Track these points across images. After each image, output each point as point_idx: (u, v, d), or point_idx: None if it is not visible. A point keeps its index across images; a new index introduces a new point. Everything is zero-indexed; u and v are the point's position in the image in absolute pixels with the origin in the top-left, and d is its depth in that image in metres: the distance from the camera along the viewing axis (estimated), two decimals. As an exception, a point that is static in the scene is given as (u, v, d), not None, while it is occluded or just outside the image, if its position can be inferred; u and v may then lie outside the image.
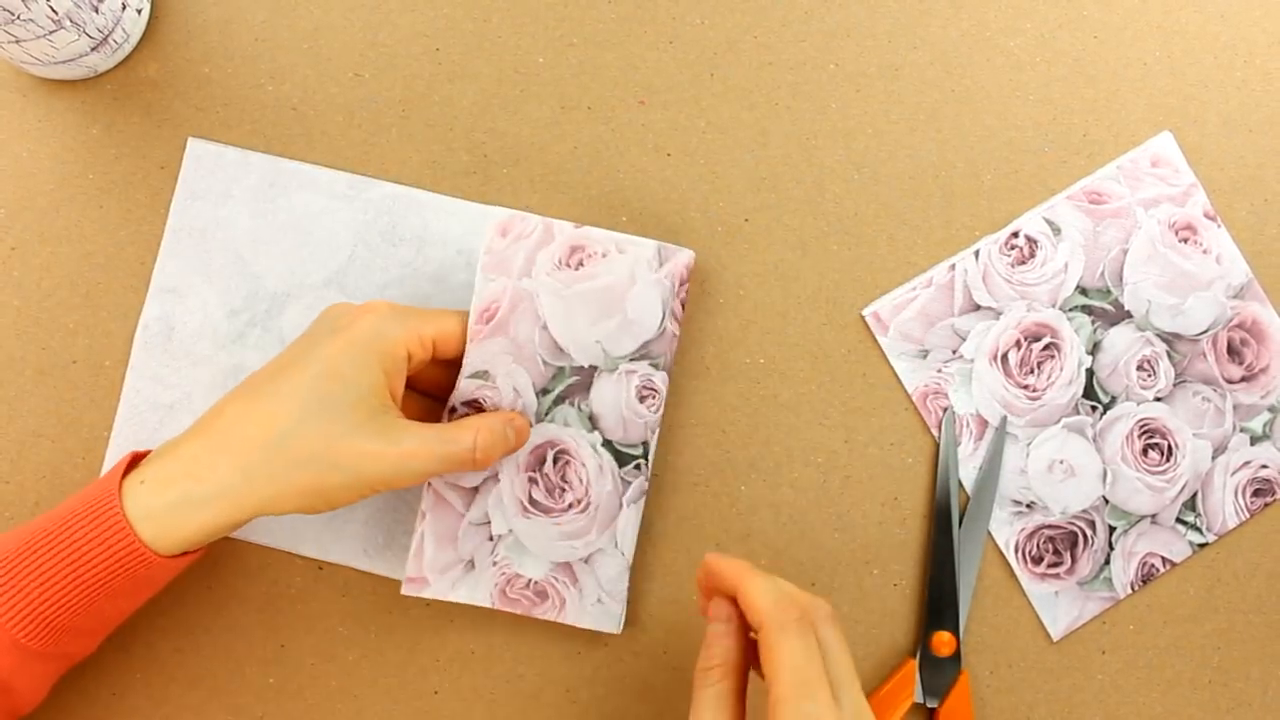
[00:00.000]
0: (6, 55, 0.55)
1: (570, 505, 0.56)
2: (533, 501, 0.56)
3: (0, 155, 0.58)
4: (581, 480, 0.56)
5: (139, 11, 0.58)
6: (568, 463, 0.56)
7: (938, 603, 0.56)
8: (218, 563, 0.57)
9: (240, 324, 0.58)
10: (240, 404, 0.48)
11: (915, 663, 0.56)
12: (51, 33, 0.53)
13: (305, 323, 0.58)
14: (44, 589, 0.46)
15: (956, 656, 0.56)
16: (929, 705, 0.56)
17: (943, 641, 0.56)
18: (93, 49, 0.56)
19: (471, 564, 0.56)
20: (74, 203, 0.58)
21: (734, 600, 0.46)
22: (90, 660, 0.56)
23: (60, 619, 0.47)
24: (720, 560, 0.46)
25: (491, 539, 0.56)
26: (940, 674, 0.56)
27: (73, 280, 0.58)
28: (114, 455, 0.57)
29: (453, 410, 0.55)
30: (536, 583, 0.56)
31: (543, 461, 0.56)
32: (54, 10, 0.52)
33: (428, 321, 0.51)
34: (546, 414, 0.56)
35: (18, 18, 0.51)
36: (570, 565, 0.56)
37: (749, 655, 0.45)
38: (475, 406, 0.55)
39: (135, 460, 0.49)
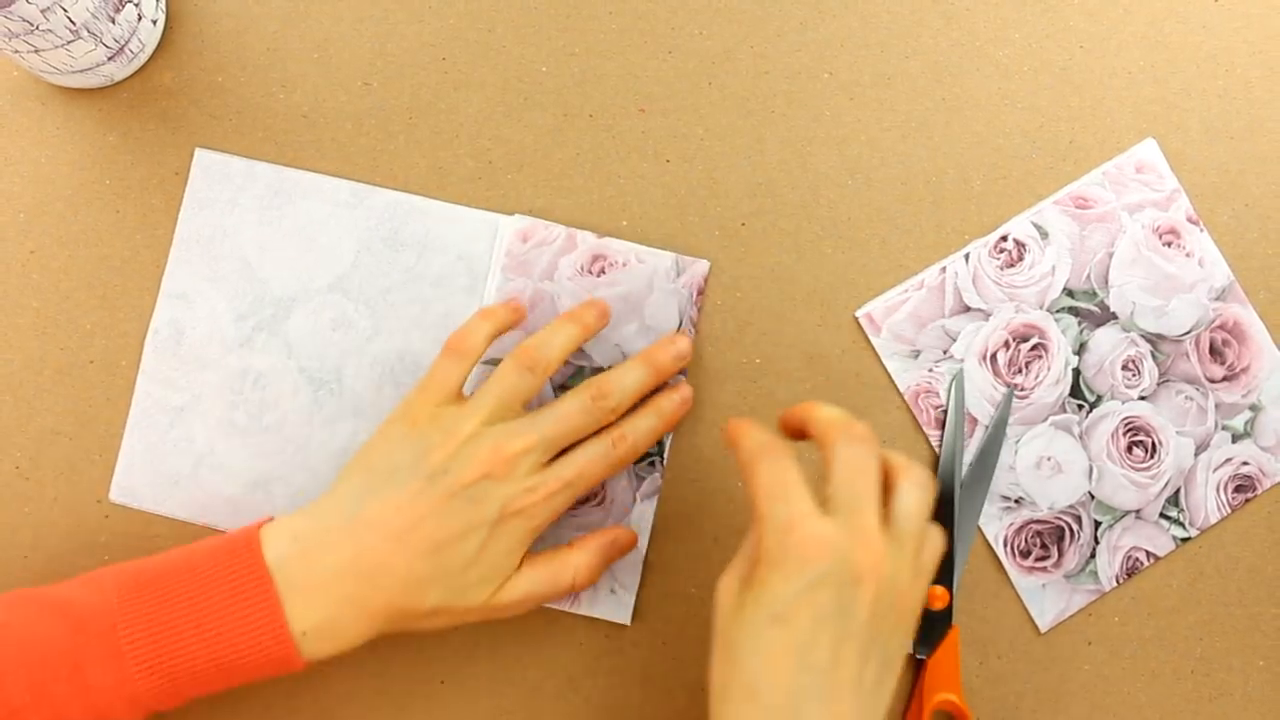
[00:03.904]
0: (26, 65, 0.56)
1: (587, 499, 0.58)
2: None
3: (20, 161, 0.59)
4: None
5: (154, 22, 0.59)
6: None
7: None
8: (229, 558, 0.58)
9: (247, 328, 0.59)
10: (401, 587, 0.51)
11: None
12: (69, 43, 0.54)
13: (310, 327, 0.59)
14: (196, 688, 0.50)
15: (948, 612, 0.57)
16: (919, 656, 0.58)
17: (936, 595, 0.57)
18: (109, 58, 0.57)
19: None
20: (91, 207, 0.59)
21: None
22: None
23: (192, 693, 0.50)
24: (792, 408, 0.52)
25: None
26: (932, 628, 0.57)
27: (89, 283, 0.59)
28: (126, 457, 0.58)
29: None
30: None
31: None
32: (72, 21, 0.52)
33: (582, 488, 0.54)
34: None
35: (37, 28, 0.52)
36: None
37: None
38: None
39: (260, 534, 0.51)
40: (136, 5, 0.56)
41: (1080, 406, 0.59)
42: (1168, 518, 0.59)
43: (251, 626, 0.49)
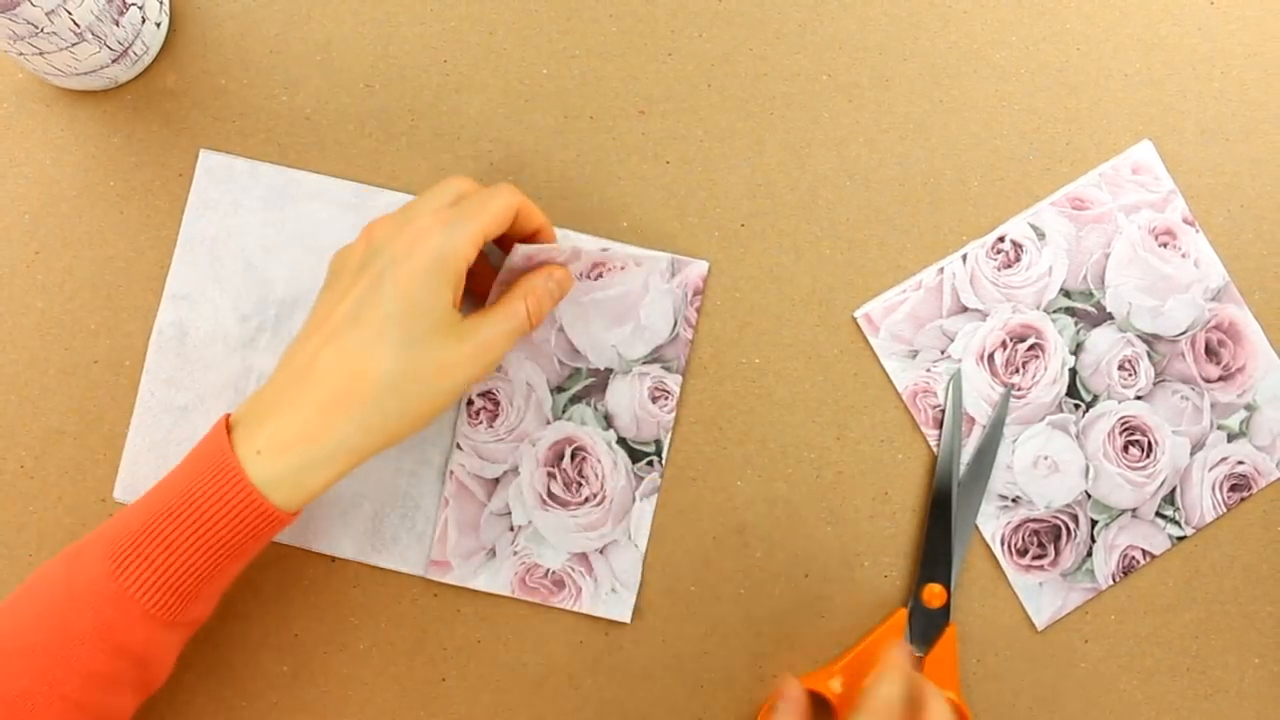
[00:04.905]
0: (31, 67, 0.56)
1: (586, 499, 0.58)
2: (551, 495, 0.58)
3: (25, 163, 0.60)
4: (597, 475, 0.58)
5: (158, 25, 0.59)
6: (584, 459, 0.58)
7: (932, 556, 0.58)
8: (232, 556, 0.59)
9: (250, 329, 0.59)
10: (331, 354, 0.49)
11: (906, 612, 0.58)
12: (74, 45, 0.54)
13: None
14: (170, 558, 0.48)
15: (946, 609, 0.58)
16: (916, 654, 0.58)
17: (934, 594, 0.58)
18: (113, 61, 0.57)
19: (493, 552, 0.58)
20: (96, 209, 0.60)
21: (800, 683, 0.55)
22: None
23: (187, 587, 0.48)
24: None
25: (512, 529, 0.58)
26: (929, 625, 0.58)
27: (94, 283, 0.59)
28: (130, 456, 0.58)
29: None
30: (554, 572, 0.58)
31: (561, 457, 0.58)
32: (76, 24, 0.53)
33: (479, 218, 0.52)
34: (564, 411, 0.58)
35: (41, 31, 0.52)
36: (586, 556, 0.58)
37: None
38: (490, 397, 0.58)
39: (228, 420, 0.50)
40: (140, 8, 0.57)
41: (1077, 406, 0.60)
42: (1164, 516, 0.60)
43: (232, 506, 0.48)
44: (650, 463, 0.59)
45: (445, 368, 0.50)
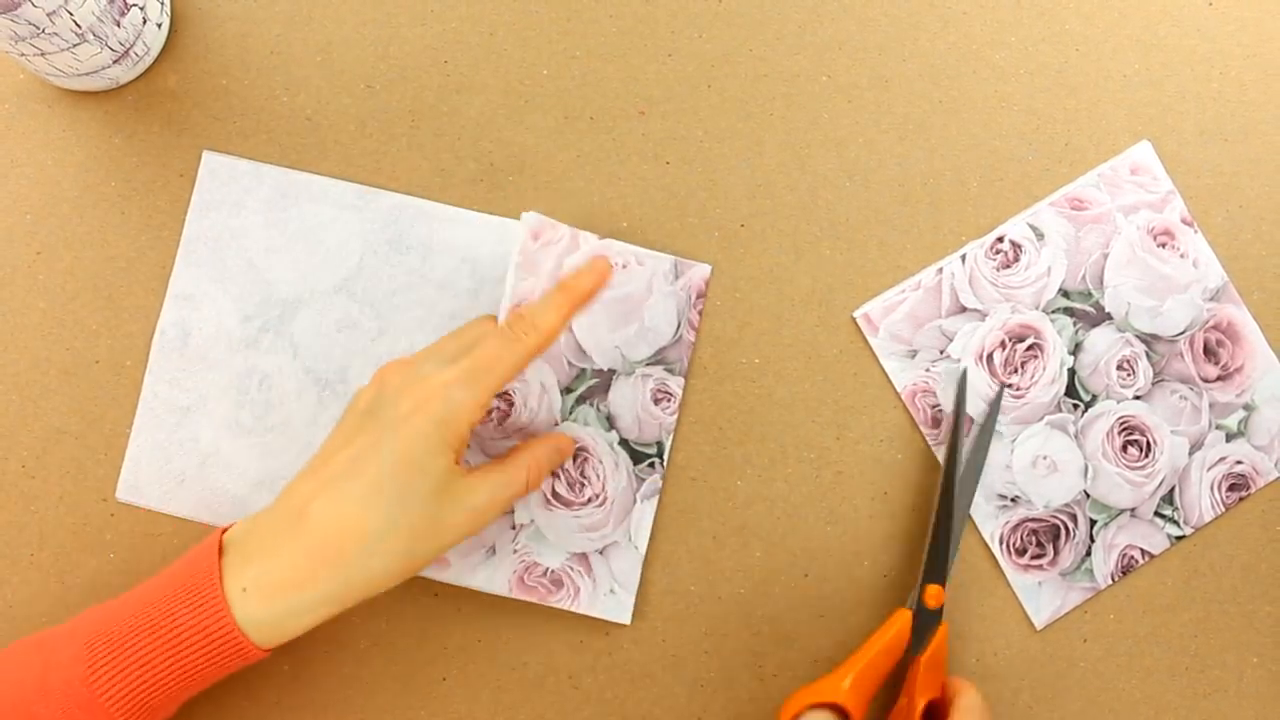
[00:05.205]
0: (32, 68, 0.57)
1: (589, 499, 0.58)
2: (555, 494, 0.58)
3: (27, 163, 0.60)
4: (599, 476, 0.58)
5: (159, 26, 0.59)
6: (586, 459, 0.58)
7: (934, 557, 0.58)
8: (233, 556, 0.59)
9: (253, 329, 0.59)
10: (324, 503, 0.49)
11: (910, 614, 0.57)
12: (75, 46, 0.54)
13: (316, 328, 0.59)
14: (144, 674, 0.48)
15: (940, 609, 0.58)
16: (912, 654, 0.58)
17: (933, 594, 0.58)
18: (115, 61, 0.58)
19: (493, 550, 0.58)
20: (97, 209, 0.60)
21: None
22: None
23: (155, 701, 0.49)
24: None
25: (514, 528, 0.58)
26: (926, 625, 0.58)
27: (95, 283, 0.59)
28: (134, 457, 0.59)
29: None
30: (553, 572, 0.58)
31: None
32: (77, 25, 0.53)
33: (487, 380, 0.52)
34: (570, 413, 0.58)
35: (43, 31, 0.52)
36: (586, 556, 0.58)
37: None
38: (505, 398, 0.58)
39: (222, 540, 0.51)
40: (141, 9, 0.57)
41: (1076, 406, 0.60)
42: (1162, 516, 0.60)
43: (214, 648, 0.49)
44: (652, 464, 0.59)
45: (435, 531, 0.51)
